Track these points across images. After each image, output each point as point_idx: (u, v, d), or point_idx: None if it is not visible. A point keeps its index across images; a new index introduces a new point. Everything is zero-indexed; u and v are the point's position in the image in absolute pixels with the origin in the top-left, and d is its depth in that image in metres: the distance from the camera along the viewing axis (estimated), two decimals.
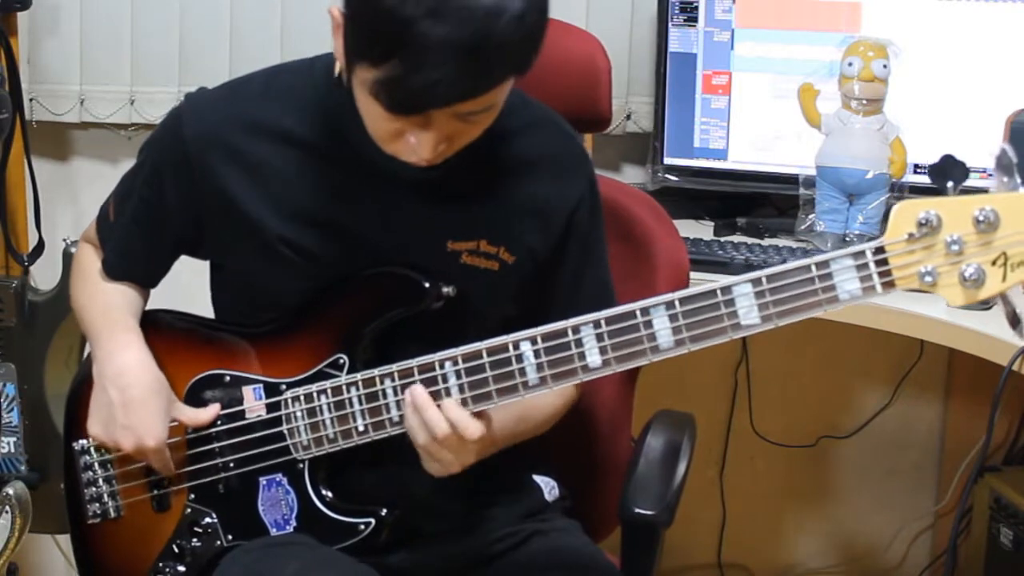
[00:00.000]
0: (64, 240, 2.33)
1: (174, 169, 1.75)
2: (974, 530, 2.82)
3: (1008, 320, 1.75)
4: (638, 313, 1.54)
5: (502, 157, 1.75)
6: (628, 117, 2.85)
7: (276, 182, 1.72)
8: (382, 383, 1.67)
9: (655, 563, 1.82)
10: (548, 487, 1.88)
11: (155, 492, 1.80)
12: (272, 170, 1.72)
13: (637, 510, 1.80)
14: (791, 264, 1.48)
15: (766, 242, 2.60)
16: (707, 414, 2.81)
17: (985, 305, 2.16)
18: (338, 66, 1.72)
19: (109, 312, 1.82)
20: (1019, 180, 1.42)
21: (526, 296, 1.79)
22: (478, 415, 1.62)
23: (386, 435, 1.68)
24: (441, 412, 1.60)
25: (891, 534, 3.12)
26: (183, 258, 1.87)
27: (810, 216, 2.52)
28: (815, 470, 3.09)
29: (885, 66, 2.45)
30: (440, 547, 1.79)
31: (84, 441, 1.83)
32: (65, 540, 1.99)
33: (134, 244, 1.84)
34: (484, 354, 1.61)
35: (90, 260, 1.89)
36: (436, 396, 1.63)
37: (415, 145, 1.57)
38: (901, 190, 2.50)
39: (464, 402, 1.62)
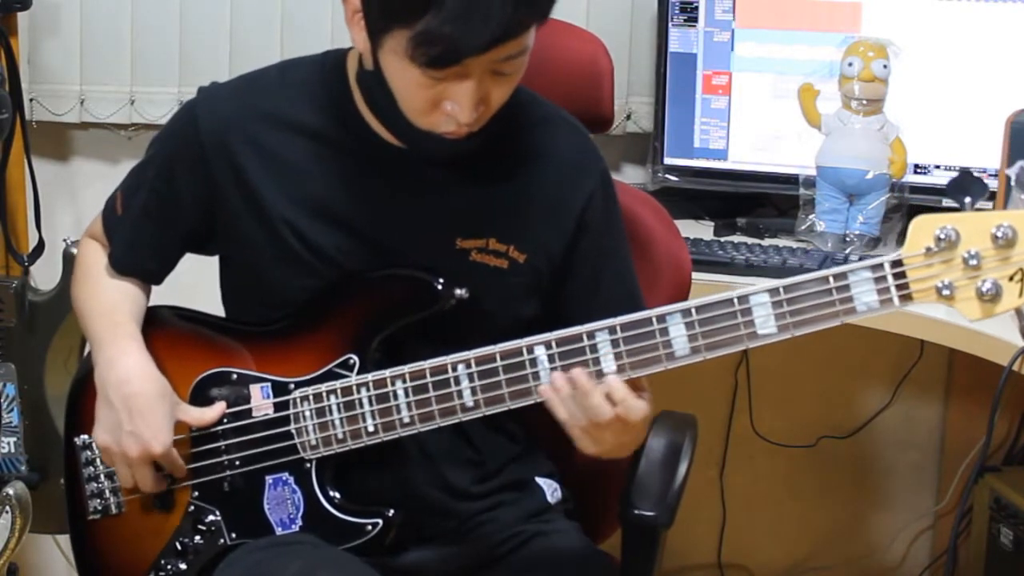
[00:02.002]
0: (64, 240, 2.33)
1: (188, 161, 1.76)
2: (974, 530, 2.82)
3: (1022, 334, 1.75)
4: (654, 320, 1.55)
5: (512, 154, 1.76)
6: (628, 117, 2.85)
7: (289, 172, 1.73)
8: (393, 384, 1.67)
9: (656, 564, 1.82)
10: (550, 489, 1.88)
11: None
12: (285, 160, 1.73)
13: (637, 511, 1.80)
14: (808, 275, 1.49)
15: (766, 242, 2.60)
16: (707, 414, 2.81)
17: None
18: (352, 64, 1.73)
19: (111, 314, 1.82)
20: None
21: (543, 297, 1.78)
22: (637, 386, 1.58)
23: (396, 436, 1.68)
24: (603, 392, 1.55)
25: (891, 534, 3.12)
26: (188, 257, 1.87)
27: (810, 216, 2.52)
28: (815, 470, 3.09)
29: (885, 66, 2.45)
30: (443, 548, 1.79)
31: (86, 436, 1.83)
32: (65, 540, 1.98)
33: (143, 237, 1.84)
34: (498, 357, 1.61)
35: (94, 257, 1.88)
36: (448, 398, 1.63)
37: (454, 111, 1.59)
38: (901, 190, 2.50)
39: (477, 404, 1.62)
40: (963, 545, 2.83)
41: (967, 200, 1.48)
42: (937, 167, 2.60)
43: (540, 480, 1.88)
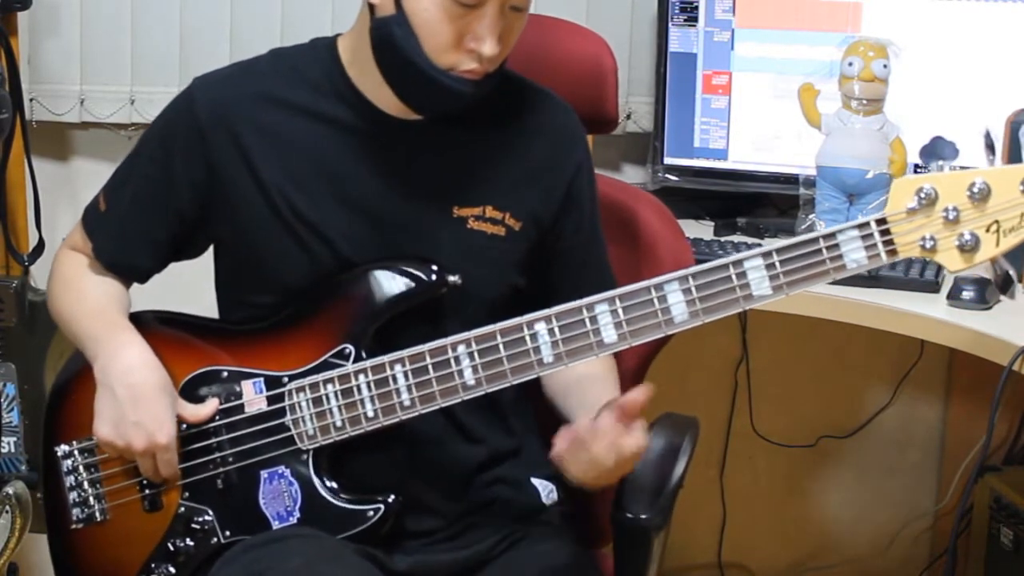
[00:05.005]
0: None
1: (185, 141, 1.77)
2: (974, 530, 2.82)
3: (999, 284, 1.84)
4: (652, 290, 1.60)
5: (504, 126, 1.80)
6: (628, 117, 2.85)
7: (286, 147, 1.75)
8: (392, 368, 1.68)
9: (649, 566, 1.82)
10: (546, 490, 1.88)
11: (145, 492, 1.79)
12: (282, 136, 1.76)
13: (628, 513, 1.80)
14: (800, 237, 1.57)
15: (766, 242, 2.60)
16: (707, 414, 2.80)
17: (985, 305, 2.17)
18: (343, 46, 1.77)
19: (102, 313, 1.82)
20: (1001, 159, 1.52)
21: (532, 268, 1.82)
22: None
23: (396, 420, 1.69)
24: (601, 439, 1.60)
25: (891, 534, 3.12)
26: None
27: (810, 216, 2.52)
28: (815, 470, 3.09)
29: (885, 66, 2.44)
30: (435, 549, 1.79)
31: (66, 445, 1.82)
32: None
33: (131, 228, 1.84)
34: (498, 335, 1.64)
35: (73, 266, 1.88)
36: (448, 378, 1.65)
37: (477, 46, 1.65)
38: None
39: (479, 382, 1.64)
40: (963, 545, 2.83)
41: (939, 163, 1.56)
42: None
43: (535, 480, 1.88)
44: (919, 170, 2.55)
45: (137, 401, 1.72)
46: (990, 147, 1.65)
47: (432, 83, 1.68)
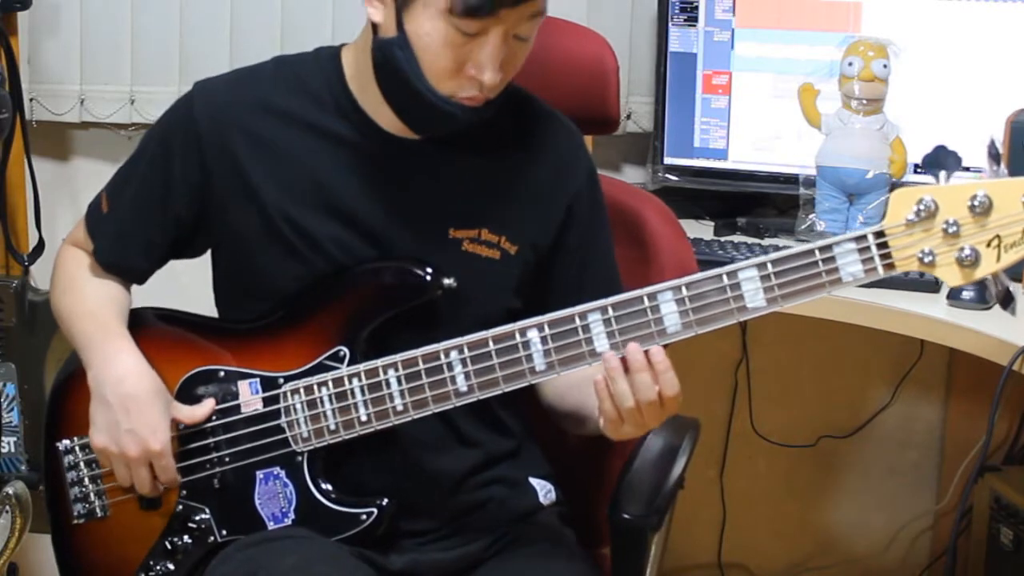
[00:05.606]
0: (64, 240, 2.32)
1: (184, 145, 1.77)
2: (974, 530, 2.81)
3: (1000, 299, 1.81)
4: (645, 299, 1.58)
5: (505, 148, 1.78)
6: (628, 117, 2.85)
7: (282, 159, 1.75)
8: (385, 373, 1.68)
9: (646, 565, 1.82)
10: (543, 490, 1.88)
11: None
12: (279, 147, 1.75)
13: (625, 513, 1.80)
14: (795, 249, 1.54)
15: (766, 242, 2.60)
16: (707, 414, 2.81)
17: (985, 305, 2.17)
18: (347, 57, 1.76)
19: (99, 316, 1.82)
20: (1005, 169, 1.48)
21: (529, 289, 1.80)
22: None
23: (389, 425, 1.69)
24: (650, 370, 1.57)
25: (891, 534, 3.12)
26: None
27: (810, 216, 2.52)
28: (815, 470, 3.09)
29: (885, 66, 2.45)
30: (429, 550, 1.79)
31: (68, 441, 1.83)
32: None
33: (131, 230, 1.84)
34: (490, 342, 1.63)
35: (76, 263, 1.88)
36: (441, 384, 1.65)
37: (478, 73, 1.63)
38: None
39: (471, 388, 1.64)
40: (963, 545, 2.83)
41: (942, 173, 1.53)
42: None
43: (533, 480, 1.88)
44: (919, 171, 2.56)
45: (130, 409, 1.73)
46: (994, 157, 1.63)
47: (431, 108, 1.67)
